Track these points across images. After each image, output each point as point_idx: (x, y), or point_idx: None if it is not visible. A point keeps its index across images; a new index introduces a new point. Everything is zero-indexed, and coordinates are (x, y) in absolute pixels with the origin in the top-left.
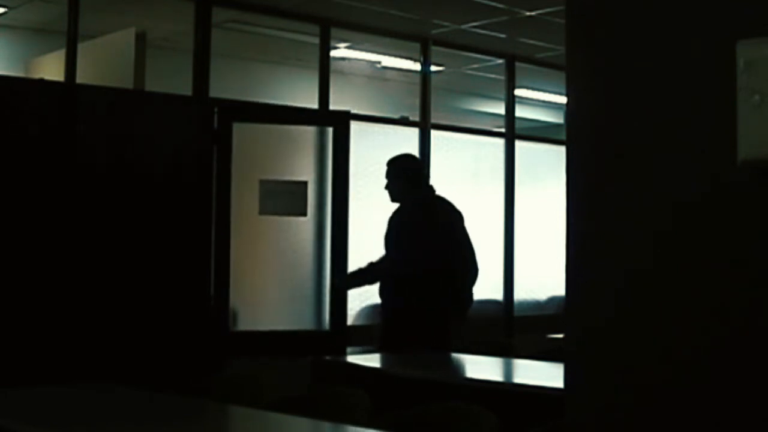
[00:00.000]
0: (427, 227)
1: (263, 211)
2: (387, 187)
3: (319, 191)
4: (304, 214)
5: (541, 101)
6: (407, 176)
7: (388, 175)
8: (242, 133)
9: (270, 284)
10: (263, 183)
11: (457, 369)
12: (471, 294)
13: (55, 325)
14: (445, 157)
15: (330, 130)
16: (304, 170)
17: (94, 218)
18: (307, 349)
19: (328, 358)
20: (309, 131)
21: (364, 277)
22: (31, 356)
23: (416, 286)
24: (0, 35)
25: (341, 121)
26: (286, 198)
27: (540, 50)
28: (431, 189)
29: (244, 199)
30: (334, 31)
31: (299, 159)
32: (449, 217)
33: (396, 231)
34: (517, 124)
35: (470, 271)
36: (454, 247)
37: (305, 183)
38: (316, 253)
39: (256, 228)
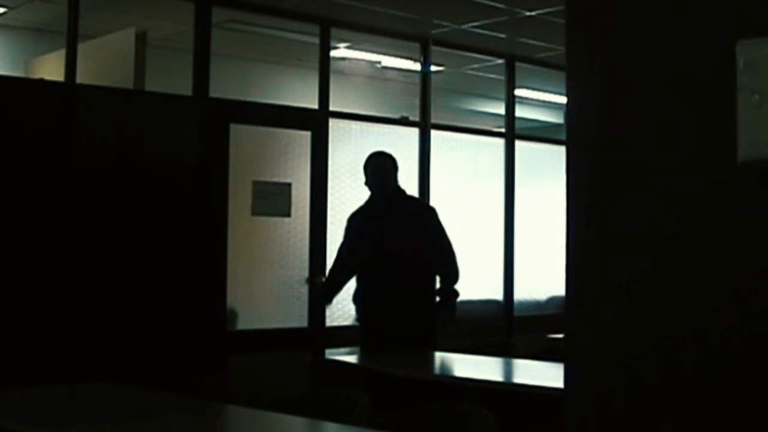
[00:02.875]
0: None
1: (254, 212)
2: (383, 180)
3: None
4: (288, 215)
5: (541, 101)
6: (395, 172)
7: (384, 169)
8: (237, 133)
9: (263, 284)
10: (255, 184)
11: (457, 369)
12: (456, 280)
13: (54, 325)
14: (445, 157)
15: (318, 131)
16: (295, 171)
17: (93, 218)
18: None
19: (327, 358)
20: (301, 132)
21: (337, 285)
22: (31, 356)
23: (400, 288)
24: (0, 35)
25: (319, 123)
26: (273, 199)
27: (540, 50)
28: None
29: (240, 199)
30: (334, 31)
31: (290, 160)
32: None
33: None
34: (517, 124)
35: (450, 262)
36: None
37: (289, 185)
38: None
39: (251, 228)
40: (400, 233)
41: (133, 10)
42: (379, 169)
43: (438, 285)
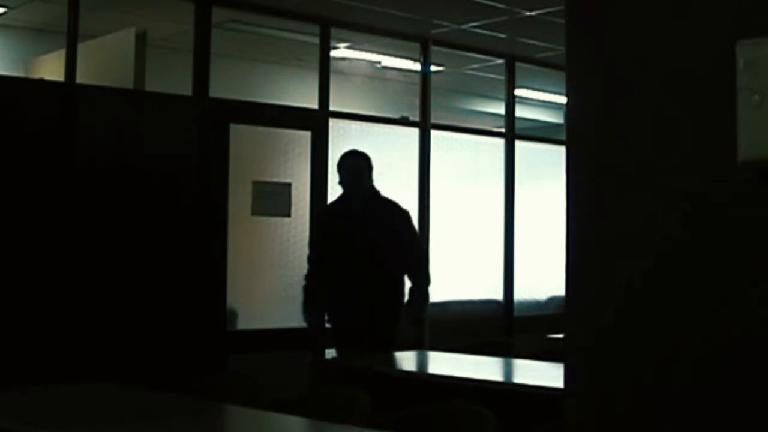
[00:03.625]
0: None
1: (254, 212)
2: (357, 180)
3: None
4: (288, 215)
5: (541, 101)
6: (370, 172)
7: (359, 168)
8: (237, 133)
9: (263, 284)
10: (255, 184)
11: (458, 369)
12: (427, 283)
13: (54, 325)
14: (445, 157)
15: (318, 131)
16: (295, 171)
17: (93, 218)
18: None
19: (328, 358)
20: (301, 132)
21: (314, 299)
22: (31, 356)
23: (370, 288)
24: (0, 35)
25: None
26: (273, 199)
27: (540, 50)
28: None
29: (240, 199)
30: (334, 31)
31: (290, 160)
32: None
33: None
34: (517, 124)
35: (422, 266)
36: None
37: (289, 185)
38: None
39: (251, 228)
40: (375, 235)
41: (133, 10)
42: (354, 168)
43: (408, 288)
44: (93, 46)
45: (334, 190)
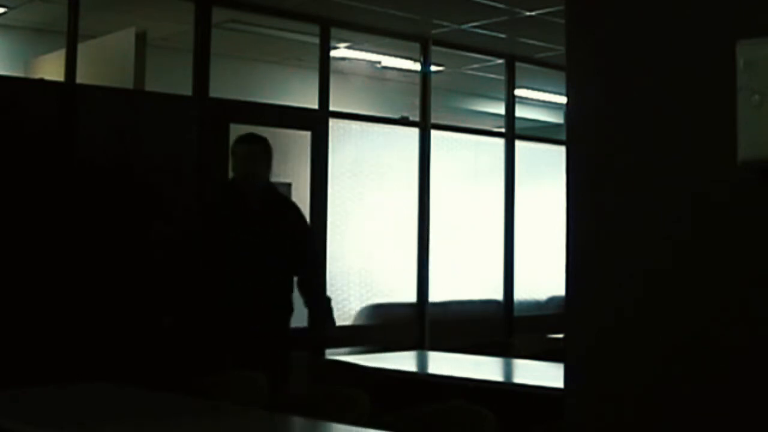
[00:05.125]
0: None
1: None
2: (254, 171)
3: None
4: None
5: (541, 101)
6: (270, 160)
7: (256, 156)
8: (237, 133)
9: None
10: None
11: (458, 369)
12: (323, 301)
13: (54, 325)
14: (445, 157)
15: (318, 131)
16: (295, 171)
17: (93, 218)
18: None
19: (327, 358)
20: (301, 132)
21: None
22: (31, 356)
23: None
24: (0, 35)
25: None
26: None
27: (540, 50)
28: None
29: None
30: (334, 31)
31: (290, 160)
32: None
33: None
34: (517, 124)
35: (318, 280)
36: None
37: (289, 185)
38: None
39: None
40: (267, 240)
41: (133, 10)
42: (250, 156)
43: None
44: (93, 46)
45: (335, 190)
